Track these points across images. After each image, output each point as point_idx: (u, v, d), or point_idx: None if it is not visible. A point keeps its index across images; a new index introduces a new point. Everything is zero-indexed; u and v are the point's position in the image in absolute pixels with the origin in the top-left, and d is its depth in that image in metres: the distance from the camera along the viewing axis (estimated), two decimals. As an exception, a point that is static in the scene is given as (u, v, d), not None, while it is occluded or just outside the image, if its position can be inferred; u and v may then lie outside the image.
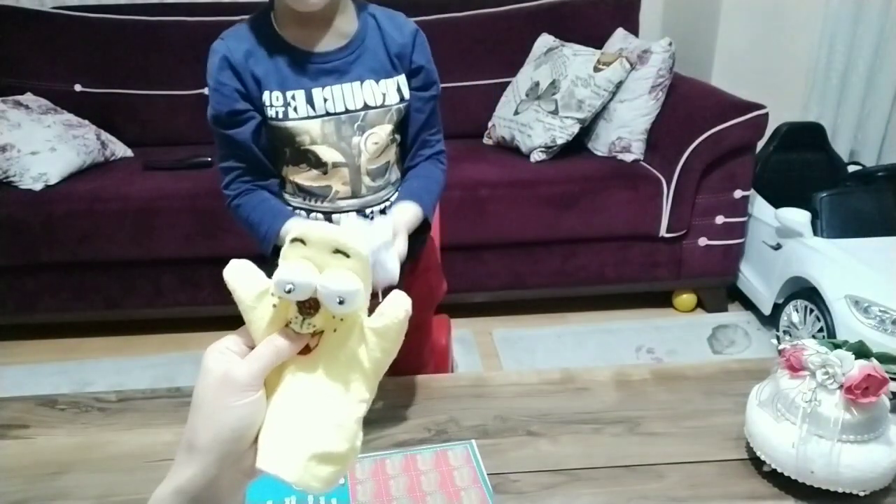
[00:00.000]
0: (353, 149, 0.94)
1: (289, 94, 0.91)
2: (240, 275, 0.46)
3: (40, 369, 2.02)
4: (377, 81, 0.94)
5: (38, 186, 1.97)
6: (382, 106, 0.95)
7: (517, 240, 2.10)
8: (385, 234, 0.81)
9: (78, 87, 2.39)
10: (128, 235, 1.99)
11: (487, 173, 2.08)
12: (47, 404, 0.92)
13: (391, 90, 0.95)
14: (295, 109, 0.91)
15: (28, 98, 2.23)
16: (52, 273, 2.05)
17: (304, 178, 0.97)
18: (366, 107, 0.93)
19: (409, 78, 0.98)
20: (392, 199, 1.01)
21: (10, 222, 1.95)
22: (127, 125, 2.41)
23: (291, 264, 0.43)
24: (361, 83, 0.93)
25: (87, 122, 2.25)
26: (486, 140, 2.42)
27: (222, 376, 0.43)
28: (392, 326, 0.44)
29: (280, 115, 0.91)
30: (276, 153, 0.97)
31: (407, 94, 0.97)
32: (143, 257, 2.03)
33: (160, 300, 2.10)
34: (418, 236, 1.03)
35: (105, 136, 2.26)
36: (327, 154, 0.93)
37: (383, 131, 0.95)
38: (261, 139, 0.94)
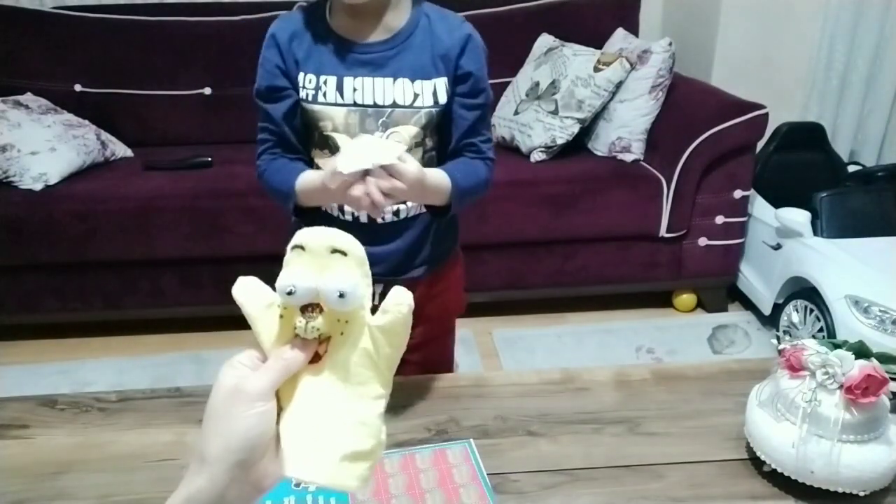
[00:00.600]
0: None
1: (322, 78, 0.92)
2: (247, 290, 0.48)
3: (40, 369, 2.02)
4: (412, 81, 0.93)
5: (38, 186, 1.97)
6: (411, 107, 0.93)
7: (517, 240, 2.10)
8: (395, 149, 0.82)
9: (78, 87, 2.39)
10: (128, 235, 1.99)
11: (487, 173, 2.08)
12: (47, 404, 0.92)
13: (426, 92, 0.93)
14: (324, 94, 0.92)
15: (28, 98, 2.23)
16: (52, 273, 2.05)
17: (321, 160, 0.97)
18: (394, 104, 0.92)
19: (455, 83, 0.95)
20: (411, 211, 0.99)
21: (10, 222, 1.95)
22: (127, 125, 2.41)
23: (291, 269, 0.45)
24: (395, 80, 0.92)
25: (87, 122, 2.25)
26: (486, 140, 2.42)
27: (233, 388, 0.44)
28: (397, 321, 0.46)
29: (310, 98, 0.93)
30: (308, 135, 0.98)
31: (443, 99, 0.94)
32: (143, 257, 2.03)
33: (160, 300, 2.10)
34: (443, 242, 1.04)
35: (105, 136, 2.26)
36: (345, 144, 0.93)
37: (407, 132, 0.94)
38: (295, 119, 0.96)
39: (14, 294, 2.07)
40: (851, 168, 2.33)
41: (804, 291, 1.87)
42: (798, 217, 1.92)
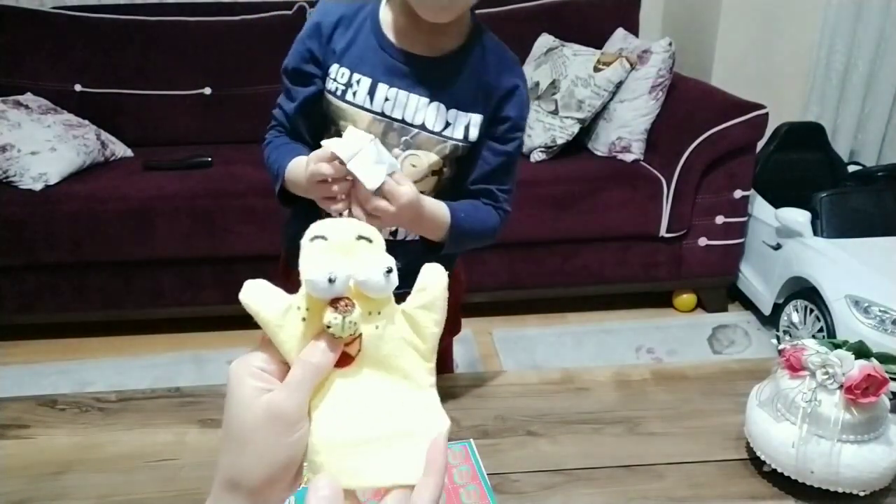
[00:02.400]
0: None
1: (356, 75, 0.85)
2: (258, 295, 0.41)
3: (40, 369, 2.02)
4: (448, 108, 0.86)
5: (38, 186, 1.97)
6: (439, 135, 0.87)
7: (517, 240, 2.10)
8: (391, 165, 0.74)
9: (78, 87, 2.39)
10: (128, 235, 1.99)
11: (487, 173, 2.08)
12: (47, 404, 0.92)
13: (459, 124, 0.87)
14: (354, 94, 0.86)
15: (28, 98, 2.23)
16: (52, 273, 2.05)
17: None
18: (423, 127, 0.86)
19: (490, 124, 0.89)
20: (413, 234, 0.93)
21: (10, 222, 1.95)
22: (127, 125, 2.41)
23: (319, 258, 0.40)
24: (430, 101, 0.86)
25: (87, 122, 2.25)
26: (486, 140, 2.42)
27: (267, 410, 0.39)
28: (438, 296, 0.43)
29: (338, 92, 0.86)
30: (324, 127, 0.91)
31: (474, 136, 0.88)
32: (143, 257, 2.03)
33: (160, 300, 2.10)
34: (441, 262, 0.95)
35: (105, 136, 2.26)
36: None
37: (427, 158, 0.88)
38: (313, 107, 0.90)
39: (14, 294, 2.07)
40: (851, 168, 2.33)
41: (804, 291, 1.87)
42: (798, 217, 1.92)
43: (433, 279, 0.43)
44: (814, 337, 1.69)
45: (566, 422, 0.87)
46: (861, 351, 0.72)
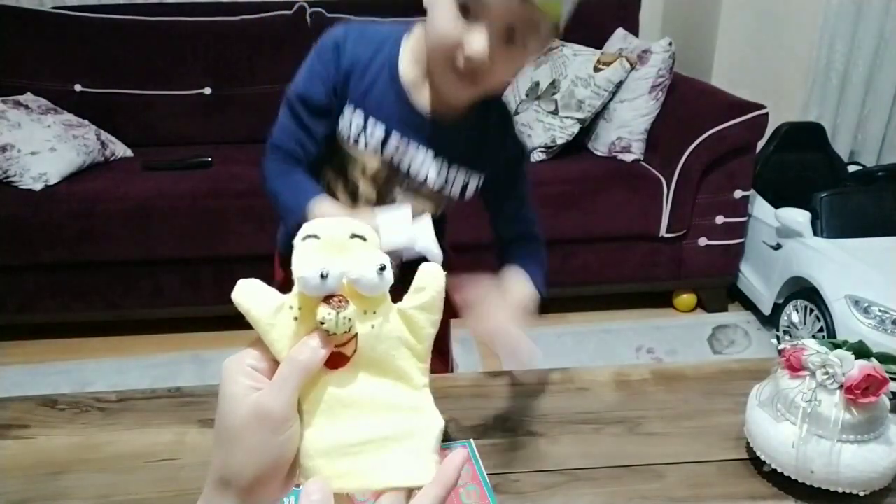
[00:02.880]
0: (389, 198, 0.90)
1: (371, 121, 0.85)
2: (250, 294, 0.41)
3: (40, 369, 2.02)
4: (450, 165, 0.89)
5: (38, 186, 1.97)
6: (438, 192, 0.90)
7: (517, 240, 2.10)
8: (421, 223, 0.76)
9: (78, 87, 2.39)
10: (128, 235, 1.99)
11: (487, 173, 2.08)
12: (47, 404, 0.92)
13: (458, 182, 0.91)
14: (366, 143, 0.86)
15: (28, 98, 2.23)
16: (52, 273, 2.05)
17: (335, 186, 0.92)
18: (424, 182, 0.89)
19: (498, 185, 0.97)
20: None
21: (10, 222, 1.95)
22: (127, 125, 2.41)
23: (311, 256, 0.40)
24: (435, 156, 0.88)
25: (87, 122, 2.25)
26: (486, 140, 2.42)
27: (255, 409, 0.39)
28: (436, 297, 0.42)
29: (351, 135, 0.86)
30: (330, 152, 0.90)
31: (469, 194, 0.93)
32: (143, 257, 2.03)
33: (160, 300, 2.10)
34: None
35: (105, 136, 2.26)
36: (364, 189, 0.90)
37: (422, 204, 0.90)
38: (319, 135, 0.88)
39: (14, 294, 2.07)
40: (851, 168, 2.33)
41: (804, 291, 1.87)
42: (798, 217, 1.92)
43: (431, 279, 0.43)
44: (814, 337, 1.69)
45: (566, 422, 0.87)
46: (861, 351, 0.72)
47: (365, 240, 0.42)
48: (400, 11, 1.50)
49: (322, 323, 0.39)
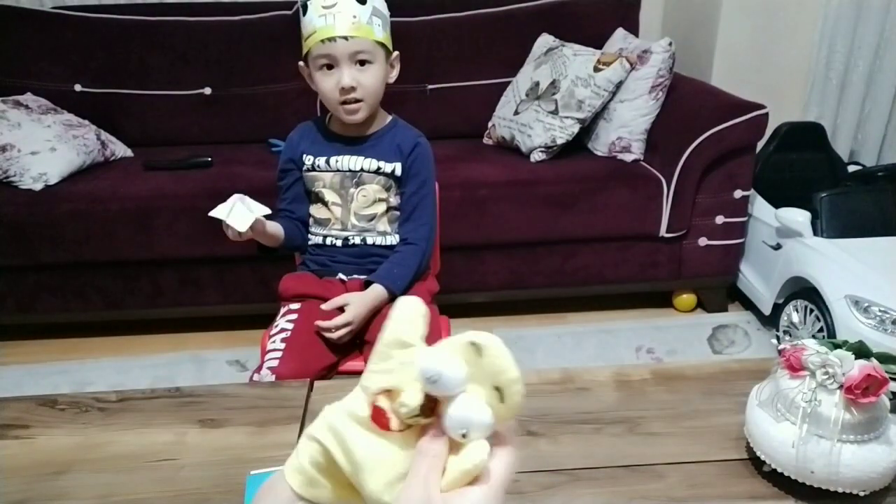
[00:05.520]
0: (349, 195, 1.32)
1: (319, 157, 1.32)
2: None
3: (40, 369, 2.02)
4: (377, 160, 1.31)
5: (38, 186, 1.98)
6: (375, 173, 1.31)
7: (517, 240, 2.10)
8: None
9: (78, 87, 2.39)
10: (128, 235, 1.99)
11: (487, 173, 2.08)
12: (47, 404, 0.92)
13: (386, 167, 1.31)
14: (317, 166, 1.32)
15: (28, 98, 2.23)
16: (52, 273, 2.05)
17: (315, 209, 1.36)
18: (362, 170, 1.31)
19: (405, 178, 1.32)
20: (377, 241, 1.34)
21: (10, 222, 1.95)
22: (127, 125, 2.41)
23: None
24: (365, 157, 1.31)
25: (87, 122, 2.25)
26: (486, 140, 2.42)
27: None
28: (471, 472, 0.42)
29: (309, 168, 1.33)
30: (309, 195, 1.36)
31: (398, 173, 1.31)
32: (143, 257, 2.03)
33: (160, 300, 2.10)
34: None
35: (105, 136, 2.26)
36: (329, 196, 1.32)
37: (371, 189, 1.31)
38: (296, 189, 1.36)
39: (14, 294, 2.07)
40: (851, 168, 2.33)
41: (804, 291, 1.87)
42: (798, 217, 1.92)
43: (477, 455, 0.42)
44: (814, 337, 1.69)
45: (566, 422, 0.87)
46: (861, 351, 0.72)
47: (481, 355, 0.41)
48: (397, 12, 1.50)
49: (405, 420, 0.41)
